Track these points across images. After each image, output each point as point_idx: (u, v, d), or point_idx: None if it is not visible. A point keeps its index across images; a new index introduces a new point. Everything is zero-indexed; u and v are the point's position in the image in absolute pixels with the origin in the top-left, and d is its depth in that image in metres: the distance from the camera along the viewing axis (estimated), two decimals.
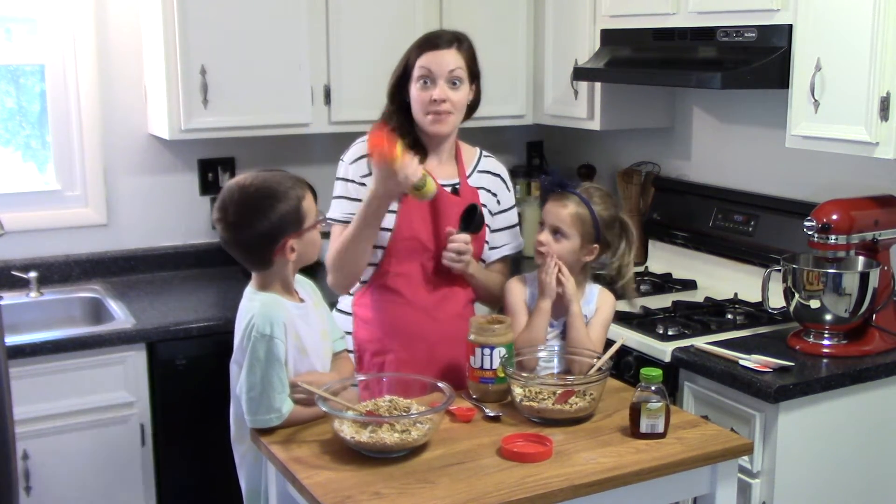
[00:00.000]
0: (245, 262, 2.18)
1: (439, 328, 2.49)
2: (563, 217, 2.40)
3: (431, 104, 2.40)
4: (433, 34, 2.49)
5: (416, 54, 2.43)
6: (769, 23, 2.72)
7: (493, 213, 2.58)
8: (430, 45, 2.43)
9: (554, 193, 2.45)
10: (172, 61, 3.12)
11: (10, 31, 3.34)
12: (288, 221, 2.11)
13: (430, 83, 2.40)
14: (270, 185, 2.12)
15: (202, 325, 2.95)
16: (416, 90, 2.42)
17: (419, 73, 2.41)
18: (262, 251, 2.13)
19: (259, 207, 2.09)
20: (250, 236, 2.10)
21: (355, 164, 2.48)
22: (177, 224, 3.55)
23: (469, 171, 2.55)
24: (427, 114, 2.42)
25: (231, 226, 2.11)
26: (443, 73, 2.40)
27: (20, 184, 3.37)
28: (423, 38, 2.48)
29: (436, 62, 2.40)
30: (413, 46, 2.46)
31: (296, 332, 2.14)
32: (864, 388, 2.52)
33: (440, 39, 2.44)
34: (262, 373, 2.08)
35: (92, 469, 2.86)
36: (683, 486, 2.08)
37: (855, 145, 2.50)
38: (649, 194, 3.64)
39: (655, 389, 2.08)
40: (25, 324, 3.07)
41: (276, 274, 2.17)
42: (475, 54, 2.50)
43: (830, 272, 2.58)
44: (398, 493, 1.84)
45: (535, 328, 2.39)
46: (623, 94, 3.44)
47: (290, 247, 2.12)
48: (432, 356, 2.46)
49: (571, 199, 2.41)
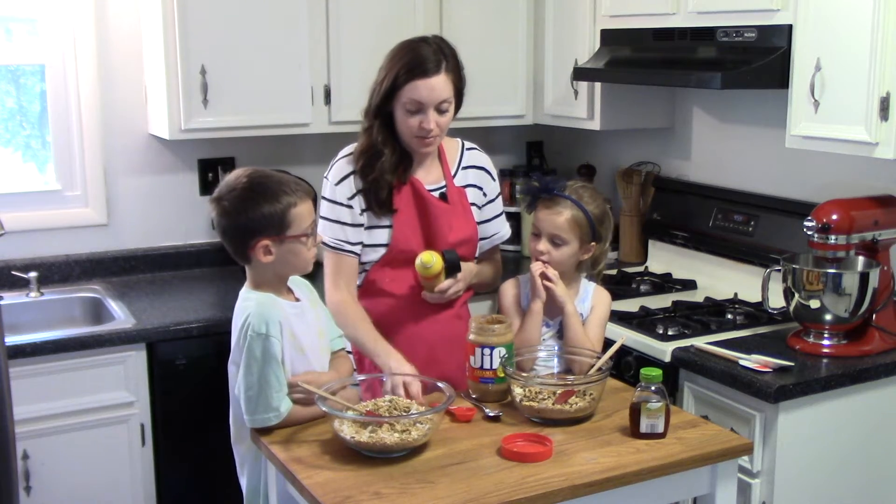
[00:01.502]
0: (230, 252, 2.20)
1: (438, 329, 2.50)
2: (559, 224, 2.40)
3: (420, 131, 2.40)
4: (420, 54, 2.37)
5: (405, 79, 2.36)
6: (769, 23, 2.72)
7: (481, 206, 2.61)
8: (420, 71, 2.34)
9: (544, 199, 2.43)
10: (172, 61, 3.12)
11: (10, 31, 3.34)
12: (268, 223, 2.10)
13: (418, 112, 2.38)
14: (267, 184, 2.12)
15: (202, 325, 2.94)
16: (404, 115, 2.39)
17: (408, 103, 2.37)
18: (237, 244, 2.14)
19: (247, 200, 2.10)
20: (230, 225, 2.12)
21: (340, 185, 2.46)
22: (177, 224, 3.55)
23: (454, 170, 2.56)
24: (415, 137, 2.41)
25: (220, 210, 2.13)
26: (433, 103, 2.37)
27: (20, 184, 3.37)
28: (410, 59, 2.37)
29: (426, 93, 2.35)
30: (400, 68, 2.37)
31: (291, 331, 2.14)
32: (864, 388, 2.52)
33: (428, 63, 2.35)
34: (259, 372, 2.08)
35: (92, 469, 2.86)
36: (683, 486, 2.08)
37: (855, 145, 2.50)
38: (649, 194, 3.64)
39: (655, 389, 2.09)
40: (25, 324, 3.06)
41: (264, 273, 2.17)
42: (460, 65, 2.46)
43: (830, 272, 2.58)
44: (398, 493, 1.84)
45: (528, 330, 2.40)
46: (623, 94, 3.44)
47: (265, 247, 2.11)
48: (432, 357, 2.47)
49: (564, 205, 2.40)
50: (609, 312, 2.52)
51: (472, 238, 2.54)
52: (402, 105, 2.38)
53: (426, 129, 2.38)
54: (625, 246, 3.72)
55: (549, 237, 2.41)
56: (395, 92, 2.38)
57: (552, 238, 2.41)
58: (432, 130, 2.39)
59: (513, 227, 3.87)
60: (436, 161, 2.55)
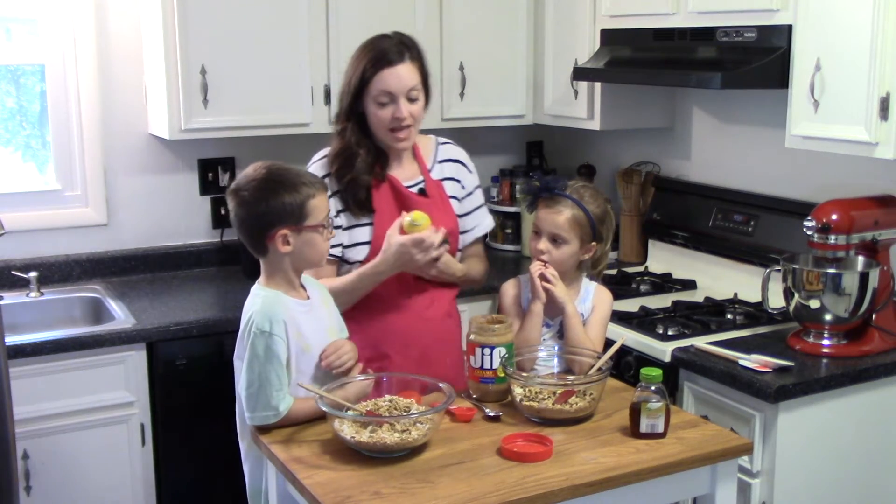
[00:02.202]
0: (247, 244, 2.21)
1: (430, 329, 2.51)
2: (560, 224, 2.40)
3: (394, 121, 2.42)
4: (382, 47, 2.42)
5: (372, 72, 2.40)
6: (769, 23, 2.72)
7: (461, 199, 2.61)
8: (386, 62, 2.39)
9: (544, 199, 2.44)
10: (172, 61, 3.12)
11: (10, 31, 3.34)
12: (288, 212, 2.12)
13: (389, 102, 2.41)
14: (287, 175, 2.16)
15: (202, 325, 2.94)
16: (376, 109, 2.42)
17: (379, 95, 2.40)
18: (256, 234, 2.15)
19: (267, 189, 2.13)
20: (251, 215, 2.14)
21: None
22: (177, 224, 3.56)
23: (430, 165, 2.58)
24: (390, 130, 2.44)
25: (238, 200, 2.16)
26: (402, 91, 2.40)
27: (20, 184, 3.37)
28: (374, 52, 2.41)
29: (395, 82, 2.39)
30: (366, 63, 2.41)
31: (298, 330, 2.15)
32: (864, 388, 2.52)
33: (392, 53, 2.40)
34: (260, 369, 2.09)
35: (92, 469, 2.86)
36: (683, 486, 2.08)
37: (855, 145, 2.50)
38: (649, 194, 3.64)
39: (655, 389, 2.09)
40: (25, 324, 3.07)
41: (278, 267, 2.18)
42: (423, 55, 2.50)
43: (830, 272, 2.58)
44: (398, 493, 1.84)
45: (527, 330, 2.41)
46: (623, 94, 3.44)
47: (283, 237, 2.13)
48: (425, 358, 2.47)
49: (565, 204, 2.40)
50: (610, 312, 2.52)
51: (453, 231, 2.54)
52: (373, 99, 2.41)
53: (400, 117, 2.41)
54: (625, 246, 3.72)
55: (549, 236, 2.41)
56: (364, 88, 2.41)
57: (552, 237, 2.41)
58: (405, 119, 2.42)
59: (513, 227, 3.92)
60: (411, 158, 2.57)
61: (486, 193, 4.02)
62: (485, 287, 3.39)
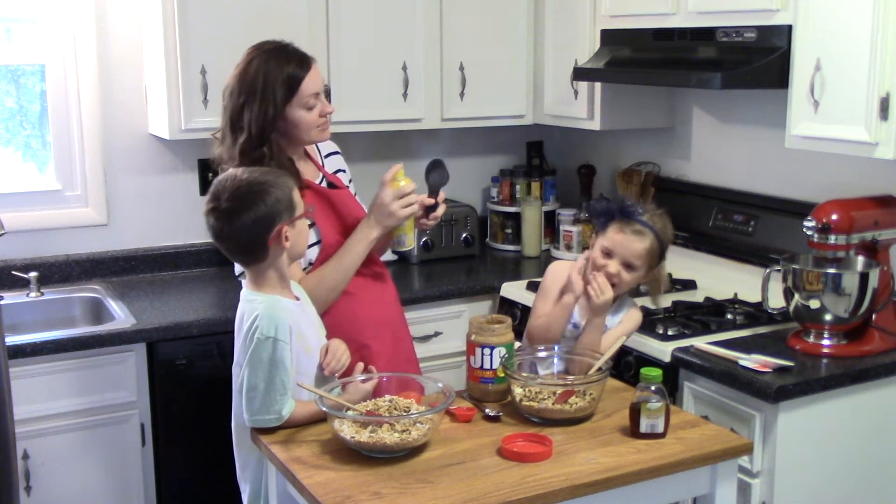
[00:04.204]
0: (238, 254, 2.18)
1: (390, 312, 2.58)
2: (638, 253, 2.40)
3: (321, 118, 2.48)
4: (292, 53, 2.46)
5: (299, 79, 2.41)
6: (769, 23, 2.72)
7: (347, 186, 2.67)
8: (305, 65, 2.45)
9: (620, 221, 2.42)
10: (172, 61, 3.12)
11: (10, 31, 3.34)
12: (283, 207, 2.12)
13: (317, 101, 2.46)
14: (267, 175, 2.16)
15: (202, 325, 2.94)
16: (305, 113, 2.44)
17: (309, 99, 2.43)
18: (257, 238, 2.11)
19: (254, 192, 2.10)
20: (245, 222, 2.09)
21: None
22: (177, 224, 3.55)
23: (321, 162, 2.63)
24: (317, 127, 2.48)
25: (225, 213, 2.10)
26: (321, 87, 2.48)
27: (20, 184, 3.37)
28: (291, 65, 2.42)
29: (318, 79, 2.47)
30: (289, 74, 2.40)
31: (300, 332, 2.15)
32: (864, 388, 2.52)
33: (304, 56, 2.46)
34: (265, 375, 2.08)
35: (92, 469, 2.86)
36: (683, 486, 2.08)
37: (854, 145, 2.50)
38: (649, 194, 3.64)
39: (655, 389, 2.09)
40: (25, 324, 3.07)
41: (270, 268, 2.16)
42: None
43: (830, 272, 2.58)
44: (398, 493, 1.84)
45: (552, 317, 2.43)
46: (623, 94, 3.44)
47: (284, 234, 2.13)
48: (397, 340, 2.55)
49: (645, 234, 2.40)
50: (633, 332, 2.54)
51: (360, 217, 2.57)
52: (303, 105, 2.43)
53: (329, 111, 2.49)
54: None
55: (623, 261, 2.41)
56: (291, 97, 2.41)
57: (626, 263, 2.41)
58: (332, 110, 2.51)
59: (513, 228, 3.92)
60: (305, 159, 2.59)
61: (487, 193, 4.04)
62: (485, 287, 3.40)
